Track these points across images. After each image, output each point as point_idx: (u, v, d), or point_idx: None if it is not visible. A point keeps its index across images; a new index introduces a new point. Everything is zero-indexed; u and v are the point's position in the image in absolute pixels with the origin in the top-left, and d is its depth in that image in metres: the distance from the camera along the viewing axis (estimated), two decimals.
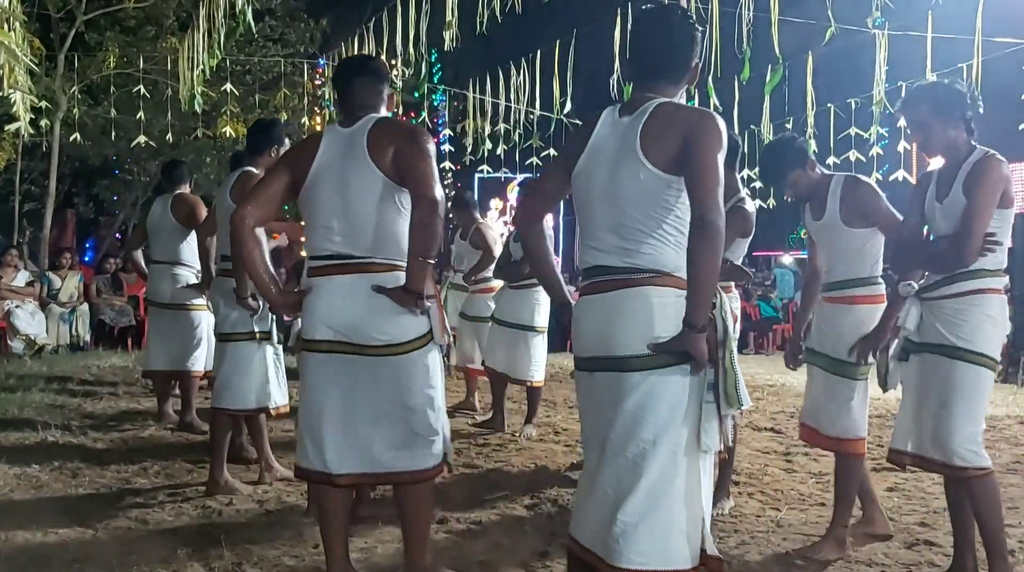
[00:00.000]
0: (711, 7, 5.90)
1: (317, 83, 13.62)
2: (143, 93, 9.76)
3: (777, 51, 5.87)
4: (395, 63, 8.73)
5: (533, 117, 10.07)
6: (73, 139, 10.52)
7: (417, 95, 11.20)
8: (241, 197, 3.31)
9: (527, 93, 9.40)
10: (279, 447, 4.54)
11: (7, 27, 6.70)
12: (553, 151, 9.68)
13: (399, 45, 7.58)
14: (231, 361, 4.03)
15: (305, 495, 3.72)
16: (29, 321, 9.15)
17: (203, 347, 5.45)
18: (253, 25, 7.75)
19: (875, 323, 3.21)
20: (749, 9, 5.81)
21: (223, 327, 4.11)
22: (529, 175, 11.58)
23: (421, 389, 2.67)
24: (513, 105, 9.67)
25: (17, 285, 9.46)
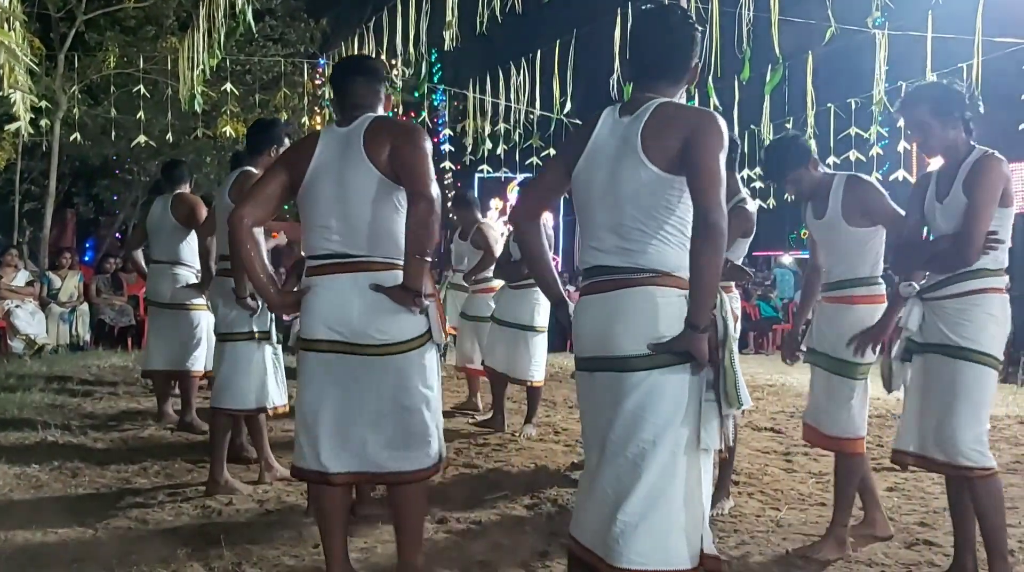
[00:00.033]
0: (711, 7, 5.90)
1: (317, 83, 13.61)
2: (143, 93, 9.75)
3: (777, 51, 5.88)
4: (395, 63, 8.74)
5: (533, 117, 10.07)
6: (73, 139, 10.51)
7: (417, 95, 11.21)
8: (240, 197, 3.31)
9: (527, 93, 9.41)
10: (279, 447, 4.53)
11: (7, 27, 6.70)
12: (553, 151, 9.66)
13: (399, 45, 7.59)
14: (230, 361, 4.04)
15: (305, 495, 3.71)
16: (29, 321, 9.15)
17: (203, 347, 5.46)
18: (253, 25, 7.75)
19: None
20: (749, 9, 5.81)
21: (222, 327, 4.11)
22: (529, 175, 11.58)
23: (418, 389, 2.66)
24: (513, 105, 9.67)
25: (17, 285, 9.46)
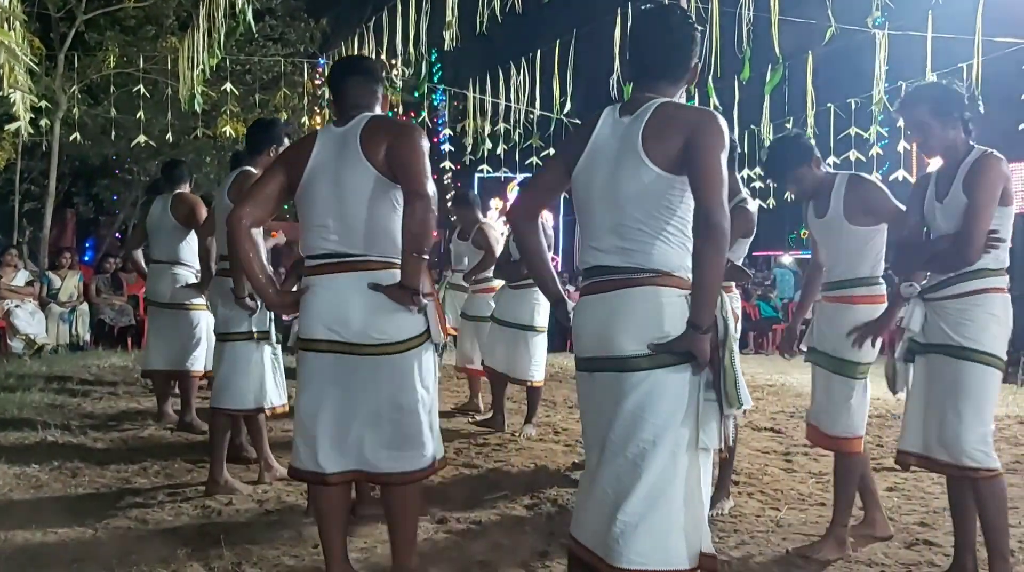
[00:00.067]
0: (711, 7, 5.90)
1: (317, 83, 13.60)
2: (143, 93, 9.75)
3: (777, 51, 5.88)
4: (395, 63, 8.73)
5: (533, 117, 10.06)
6: (73, 139, 10.51)
7: (417, 95, 11.21)
8: (239, 197, 3.31)
9: (527, 93, 9.40)
10: (279, 447, 4.53)
11: (7, 27, 6.70)
12: (553, 151, 9.64)
13: (399, 45, 7.58)
14: (229, 361, 4.04)
15: (305, 495, 3.71)
16: (29, 321, 9.15)
17: (202, 347, 5.46)
18: (253, 25, 7.74)
19: None
20: (749, 9, 5.81)
21: (221, 327, 4.11)
22: (529, 175, 11.57)
23: (415, 389, 2.66)
24: (513, 105, 9.67)
25: (17, 285, 9.46)
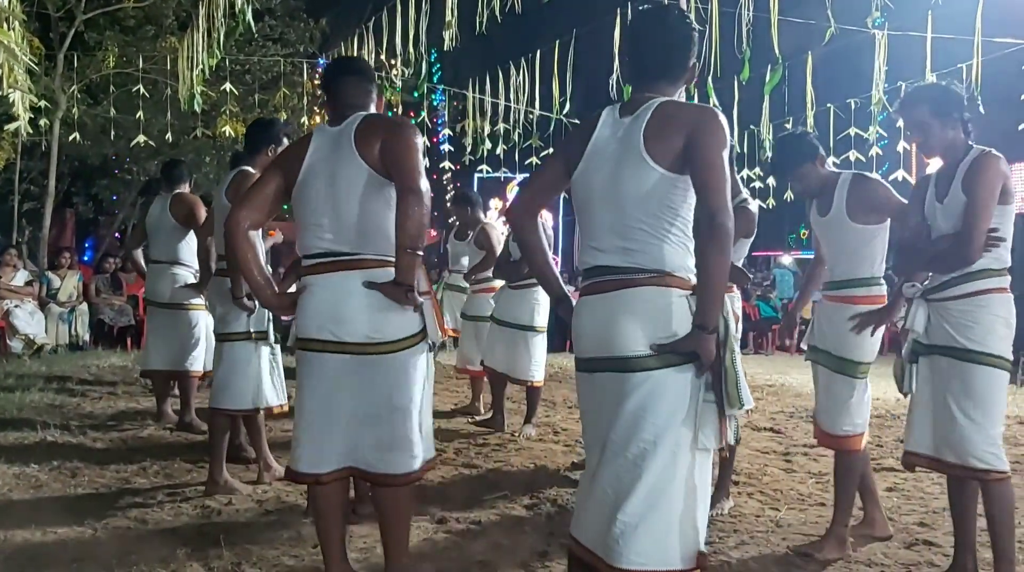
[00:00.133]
0: (711, 7, 5.89)
1: (317, 83, 13.59)
2: (142, 93, 9.73)
3: (777, 51, 5.87)
4: (395, 63, 8.72)
5: (533, 117, 10.05)
6: (72, 139, 10.50)
7: (417, 95, 11.18)
8: (236, 197, 3.31)
9: (527, 93, 9.39)
10: (278, 447, 4.53)
11: (7, 26, 6.69)
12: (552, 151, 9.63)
13: (399, 45, 7.57)
14: (228, 361, 4.04)
15: (304, 495, 3.71)
16: (28, 321, 9.15)
17: (201, 347, 5.46)
18: (253, 25, 7.73)
19: None
20: (749, 9, 5.80)
21: (220, 327, 4.11)
22: (528, 175, 11.57)
23: (410, 388, 2.66)
24: (513, 105, 9.65)
25: (16, 285, 9.46)
